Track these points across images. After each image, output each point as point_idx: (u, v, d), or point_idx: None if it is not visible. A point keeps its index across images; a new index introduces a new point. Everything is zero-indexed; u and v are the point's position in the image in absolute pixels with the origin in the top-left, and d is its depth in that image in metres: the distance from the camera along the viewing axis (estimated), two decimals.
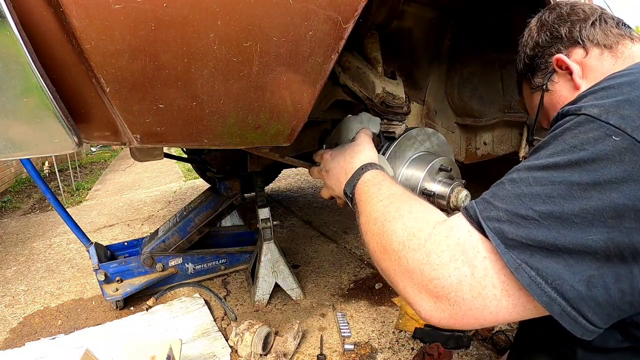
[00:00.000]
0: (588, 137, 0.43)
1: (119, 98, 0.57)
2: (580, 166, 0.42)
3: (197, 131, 0.67)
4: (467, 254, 0.46)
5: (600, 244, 0.39)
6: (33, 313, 1.86)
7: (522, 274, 0.42)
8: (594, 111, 0.45)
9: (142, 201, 3.86)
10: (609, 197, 0.39)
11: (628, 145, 0.40)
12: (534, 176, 0.45)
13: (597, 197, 0.40)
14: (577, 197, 0.41)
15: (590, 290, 0.40)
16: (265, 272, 1.73)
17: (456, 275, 0.46)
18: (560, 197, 0.42)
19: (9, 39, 0.45)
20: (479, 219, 0.46)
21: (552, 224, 0.41)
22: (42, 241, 2.87)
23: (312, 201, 3.26)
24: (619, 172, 0.40)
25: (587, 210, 0.40)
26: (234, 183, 2.01)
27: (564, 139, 0.45)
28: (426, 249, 0.49)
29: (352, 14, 0.61)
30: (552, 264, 0.41)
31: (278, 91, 0.66)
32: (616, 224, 0.39)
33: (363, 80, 0.97)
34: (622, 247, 0.39)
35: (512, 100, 1.39)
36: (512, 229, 0.43)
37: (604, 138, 0.42)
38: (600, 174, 0.40)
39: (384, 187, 0.68)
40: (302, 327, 1.54)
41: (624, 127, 0.41)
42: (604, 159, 0.41)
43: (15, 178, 5.34)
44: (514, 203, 0.44)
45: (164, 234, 1.94)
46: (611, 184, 0.39)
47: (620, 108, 0.43)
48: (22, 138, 0.56)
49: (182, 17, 0.53)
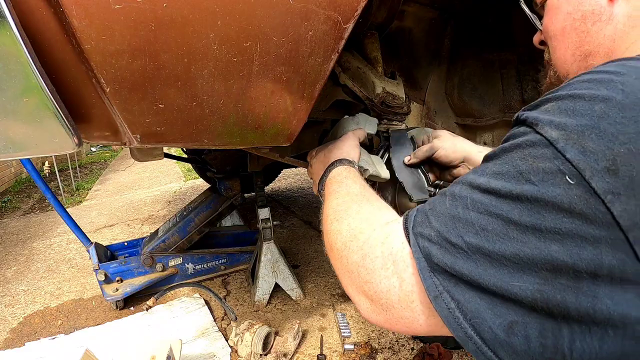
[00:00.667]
0: (538, 166, 0.36)
1: (119, 98, 0.57)
2: (522, 202, 0.36)
3: (197, 131, 0.67)
4: (398, 266, 0.44)
5: (527, 294, 0.34)
6: (33, 313, 1.86)
7: (440, 304, 0.39)
8: (552, 134, 0.36)
9: (142, 201, 3.86)
10: (548, 248, 0.34)
11: (582, 193, 0.32)
12: (472, 198, 0.40)
13: (534, 245, 0.34)
14: (512, 239, 0.35)
15: (509, 337, 0.36)
16: (265, 272, 1.73)
17: (386, 284, 0.45)
18: (495, 233, 0.37)
19: (9, 39, 0.45)
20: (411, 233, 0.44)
21: (480, 259, 0.37)
22: (42, 241, 2.87)
23: (312, 201, 3.26)
24: (565, 224, 0.33)
25: (520, 256, 0.35)
26: (234, 183, 2.02)
27: (512, 158, 0.38)
28: (363, 252, 0.49)
29: (352, 14, 0.61)
30: (475, 299, 0.37)
31: (278, 91, 0.66)
32: (550, 278, 0.34)
33: (363, 80, 0.97)
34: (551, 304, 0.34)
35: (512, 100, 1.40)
36: (439, 254, 0.40)
37: (555, 174, 0.34)
38: (542, 220, 0.34)
39: (343, 185, 0.67)
40: (302, 327, 1.54)
41: (582, 168, 0.33)
42: (550, 202, 0.34)
43: (15, 178, 5.34)
44: (447, 225, 0.41)
45: (164, 234, 1.94)
46: (553, 234, 0.33)
47: (585, 138, 0.33)
48: (22, 138, 0.56)
49: (182, 17, 0.53)
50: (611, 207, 0.31)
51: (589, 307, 0.32)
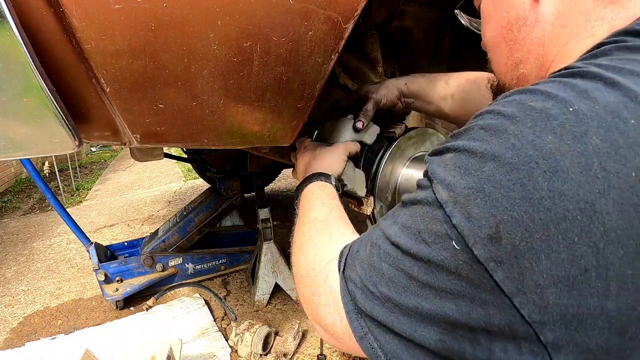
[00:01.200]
0: (431, 228, 0.36)
1: (119, 98, 0.57)
2: (419, 261, 0.37)
3: (197, 131, 0.67)
4: (337, 304, 0.47)
5: (431, 342, 0.37)
6: (33, 313, 1.86)
7: (365, 343, 0.42)
8: (443, 196, 0.35)
9: (142, 201, 3.86)
10: (443, 306, 0.35)
11: (466, 259, 0.33)
12: (384, 249, 0.42)
13: (432, 300, 0.36)
14: (414, 293, 0.38)
15: None
16: (265, 272, 1.73)
17: (329, 319, 0.48)
18: (400, 286, 0.39)
19: (9, 39, 0.45)
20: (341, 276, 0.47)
21: (393, 308, 0.39)
22: (42, 241, 2.87)
23: None
24: (455, 286, 0.34)
25: (420, 309, 0.37)
26: (234, 183, 2.01)
27: (415, 211, 0.39)
28: (311, 289, 0.53)
29: (352, 14, 0.61)
30: (393, 341, 0.40)
31: (278, 91, 0.66)
32: (449, 330, 0.36)
33: (363, 80, 0.97)
34: (452, 352, 0.36)
35: None
36: (362, 298, 0.42)
37: (444, 239, 0.35)
38: (436, 280, 0.36)
39: (312, 208, 0.68)
40: (302, 327, 1.54)
41: (466, 235, 0.33)
42: (440, 265, 0.35)
43: (15, 178, 5.34)
44: (366, 272, 0.43)
45: (164, 234, 1.94)
46: (446, 294, 0.35)
47: (471, 203, 0.33)
48: (22, 138, 0.56)
49: (182, 17, 0.53)
50: (494, 274, 0.31)
51: (485, 359, 0.34)
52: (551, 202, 0.30)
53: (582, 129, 0.30)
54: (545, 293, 0.30)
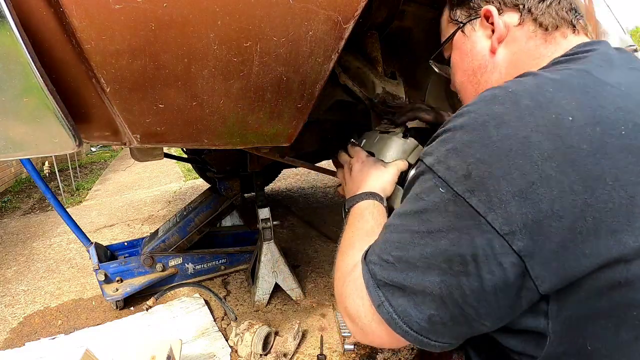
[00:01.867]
0: (424, 187, 0.48)
1: (119, 98, 0.57)
2: (418, 216, 0.47)
3: (197, 131, 0.67)
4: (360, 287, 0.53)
5: (435, 286, 0.44)
6: (33, 313, 1.86)
7: (382, 310, 0.49)
8: (429, 160, 0.48)
9: (142, 201, 3.86)
10: (439, 244, 0.44)
11: (450, 197, 0.44)
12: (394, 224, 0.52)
13: (431, 244, 0.45)
14: (417, 244, 0.46)
15: (432, 326, 0.46)
16: (265, 272, 1.73)
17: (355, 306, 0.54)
18: (406, 243, 0.48)
19: (9, 39, 0.45)
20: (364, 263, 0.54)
21: (403, 267, 0.47)
22: (42, 241, 2.87)
23: (312, 201, 3.26)
24: (445, 222, 0.44)
25: (425, 255, 0.45)
26: (234, 183, 2.01)
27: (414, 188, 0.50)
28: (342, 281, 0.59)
29: (352, 14, 0.61)
30: (403, 302, 0.47)
31: (278, 91, 0.66)
32: (448, 268, 0.44)
33: (363, 80, 0.97)
34: (452, 289, 0.43)
35: None
36: (379, 271, 0.50)
37: (434, 189, 0.46)
38: (431, 224, 0.46)
39: (362, 219, 0.73)
40: (302, 327, 1.54)
41: (447, 179, 0.45)
42: (434, 209, 0.46)
43: (15, 178, 5.34)
44: (381, 248, 0.51)
45: (164, 234, 1.94)
46: (440, 233, 0.44)
47: (449, 158, 0.46)
48: (22, 138, 0.56)
49: (182, 17, 0.53)
50: (470, 201, 0.42)
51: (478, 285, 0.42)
52: (501, 142, 0.42)
53: (517, 97, 0.45)
54: (509, 206, 0.40)
